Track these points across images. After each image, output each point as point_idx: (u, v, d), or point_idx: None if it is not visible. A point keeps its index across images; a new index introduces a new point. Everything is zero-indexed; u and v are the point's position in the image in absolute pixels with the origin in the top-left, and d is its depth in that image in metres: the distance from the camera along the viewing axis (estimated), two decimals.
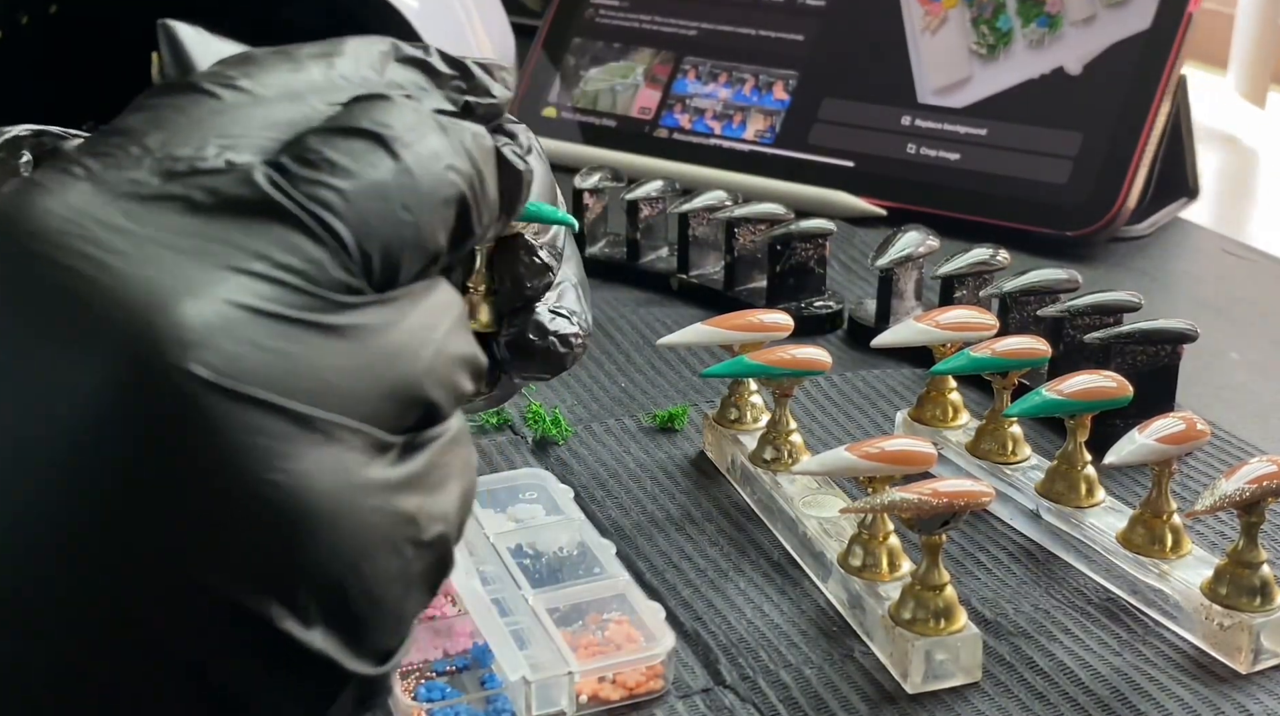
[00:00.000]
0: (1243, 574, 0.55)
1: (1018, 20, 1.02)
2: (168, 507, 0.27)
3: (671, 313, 0.86)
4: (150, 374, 0.27)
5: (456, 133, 0.33)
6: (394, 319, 0.30)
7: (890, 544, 0.57)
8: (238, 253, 0.28)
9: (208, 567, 0.27)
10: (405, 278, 0.31)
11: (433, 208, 0.31)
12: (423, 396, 0.31)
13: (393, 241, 0.30)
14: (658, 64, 1.13)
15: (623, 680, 0.53)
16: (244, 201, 0.29)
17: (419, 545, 0.30)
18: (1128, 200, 0.95)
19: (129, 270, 0.27)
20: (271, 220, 0.29)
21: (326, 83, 0.32)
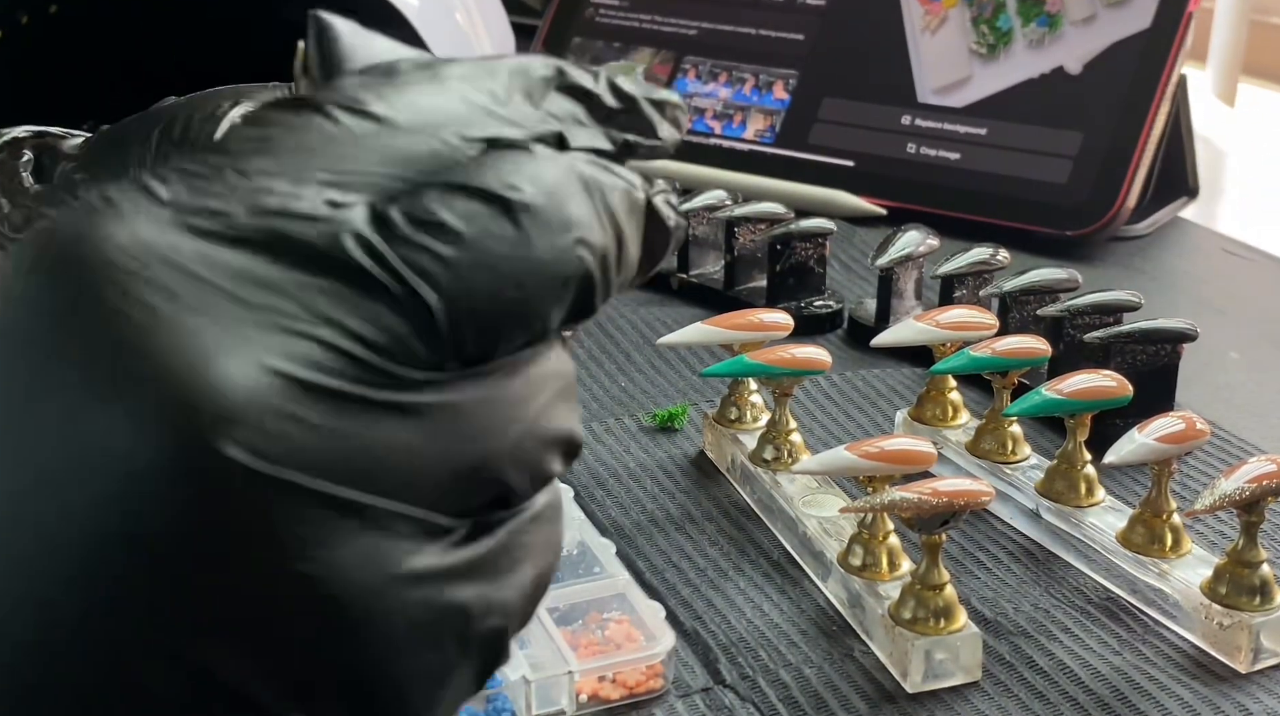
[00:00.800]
0: (1242, 573, 0.55)
1: (1018, 20, 1.02)
2: (185, 590, 0.25)
3: (671, 312, 0.86)
4: (184, 449, 0.24)
5: (602, 192, 0.29)
6: (480, 396, 0.27)
7: (890, 543, 0.57)
8: (304, 313, 0.25)
9: (222, 659, 0.25)
10: (504, 352, 0.27)
11: (549, 285, 0.27)
12: (499, 478, 0.28)
13: (493, 317, 0.27)
14: (658, 64, 1.13)
15: (623, 679, 0.53)
16: (328, 256, 0.26)
17: (467, 640, 0.28)
18: (1128, 200, 0.95)
19: (185, 323, 0.25)
20: (353, 281, 0.26)
21: (470, 112, 0.28)
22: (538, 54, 0.30)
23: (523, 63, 0.30)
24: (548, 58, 0.30)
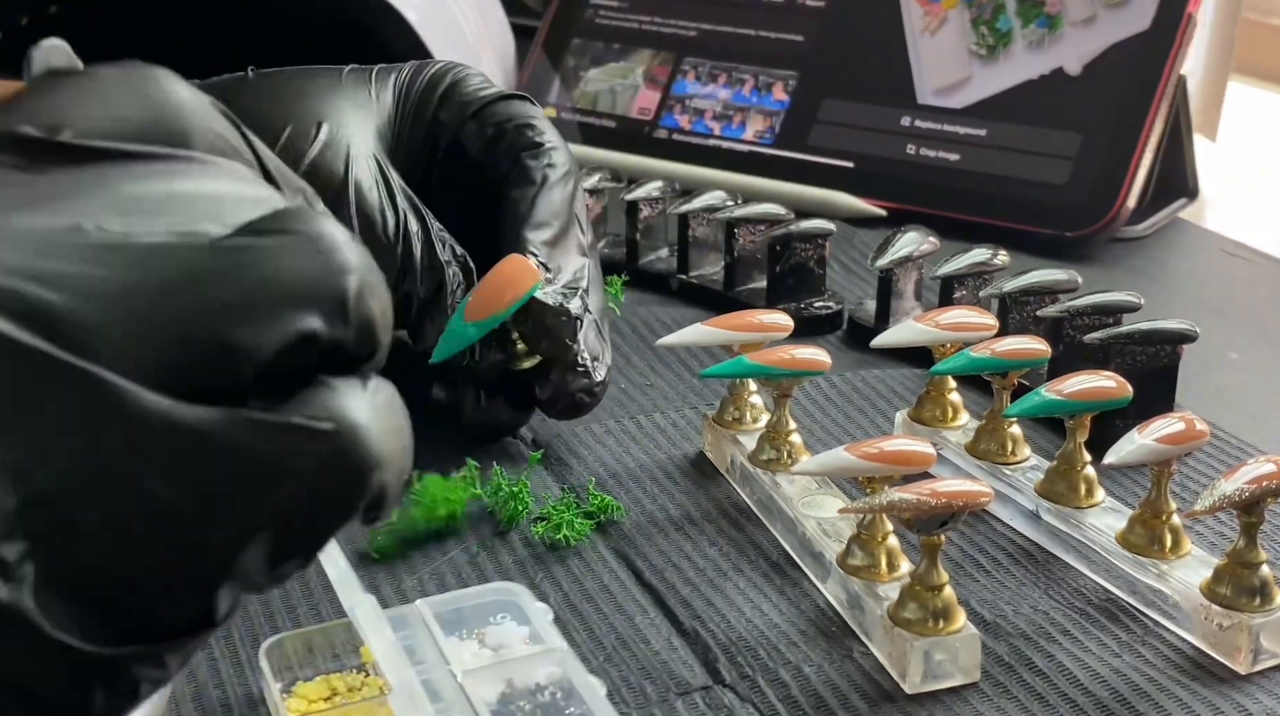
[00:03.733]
0: (1242, 574, 0.55)
1: (1017, 21, 1.02)
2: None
3: (671, 313, 0.86)
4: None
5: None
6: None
7: (889, 544, 0.57)
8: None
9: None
10: None
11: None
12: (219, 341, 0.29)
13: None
14: (657, 64, 1.13)
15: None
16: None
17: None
18: (1127, 200, 0.95)
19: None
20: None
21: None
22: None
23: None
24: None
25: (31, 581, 0.27)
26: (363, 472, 0.30)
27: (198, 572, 0.29)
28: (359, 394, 0.30)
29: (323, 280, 0.30)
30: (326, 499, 0.30)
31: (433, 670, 0.49)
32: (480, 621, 0.53)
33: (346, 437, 0.30)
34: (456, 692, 0.49)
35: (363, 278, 0.31)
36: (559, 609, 0.57)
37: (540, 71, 1.16)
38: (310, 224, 0.30)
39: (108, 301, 0.28)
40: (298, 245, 0.30)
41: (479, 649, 0.52)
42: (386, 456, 0.30)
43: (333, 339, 0.30)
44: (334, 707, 0.50)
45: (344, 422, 0.30)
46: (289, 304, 0.30)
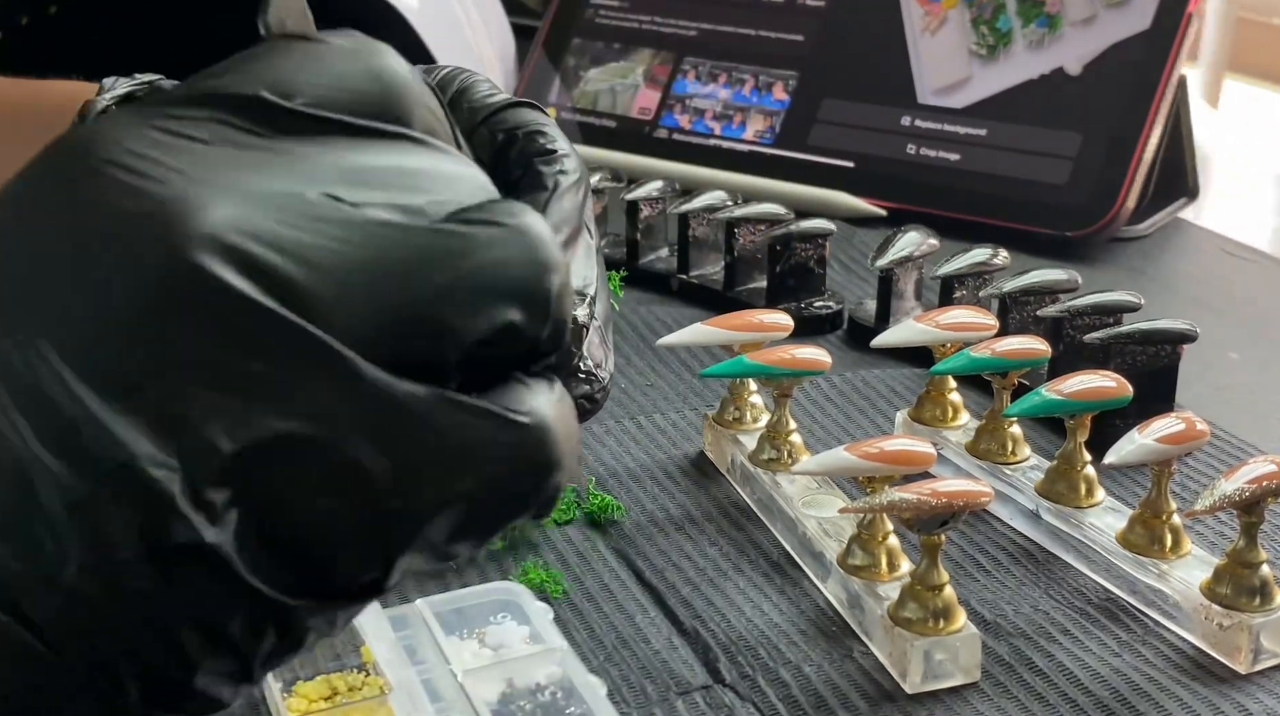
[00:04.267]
0: (1242, 574, 0.55)
1: (1018, 20, 1.02)
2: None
3: (671, 313, 0.86)
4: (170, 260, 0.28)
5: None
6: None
7: (889, 544, 0.57)
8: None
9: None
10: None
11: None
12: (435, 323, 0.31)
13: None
14: (657, 64, 1.13)
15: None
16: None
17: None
18: (1127, 200, 0.95)
19: (150, 190, 0.29)
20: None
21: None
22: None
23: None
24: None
25: (234, 527, 0.29)
26: (547, 469, 0.31)
27: (385, 540, 0.30)
28: (549, 394, 0.32)
29: (532, 276, 0.31)
30: (511, 488, 0.31)
31: (433, 669, 0.50)
32: (481, 621, 0.54)
33: (538, 433, 0.31)
34: (457, 692, 0.49)
35: (564, 279, 0.32)
36: (559, 608, 0.57)
37: (540, 71, 1.16)
38: (522, 217, 0.32)
39: (337, 272, 0.29)
40: (511, 239, 0.31)
41: (479, 648, 0.52)
42: (566, 459, 0.32)
43: (531, 335, 0.32)
44: (334, 707, 0.50)
45: (537, 417, 0.31)
46: (499, 295, 0.31)
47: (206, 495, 0.29)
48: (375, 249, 0.30)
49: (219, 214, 0.29)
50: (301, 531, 0.30)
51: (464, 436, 0.30)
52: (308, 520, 0.30)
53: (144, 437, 0.28)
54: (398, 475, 0.30)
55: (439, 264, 0.31)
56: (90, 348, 0.29)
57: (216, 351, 0.29)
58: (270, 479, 0.29)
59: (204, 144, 0.31)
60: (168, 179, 0.29)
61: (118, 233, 0.29)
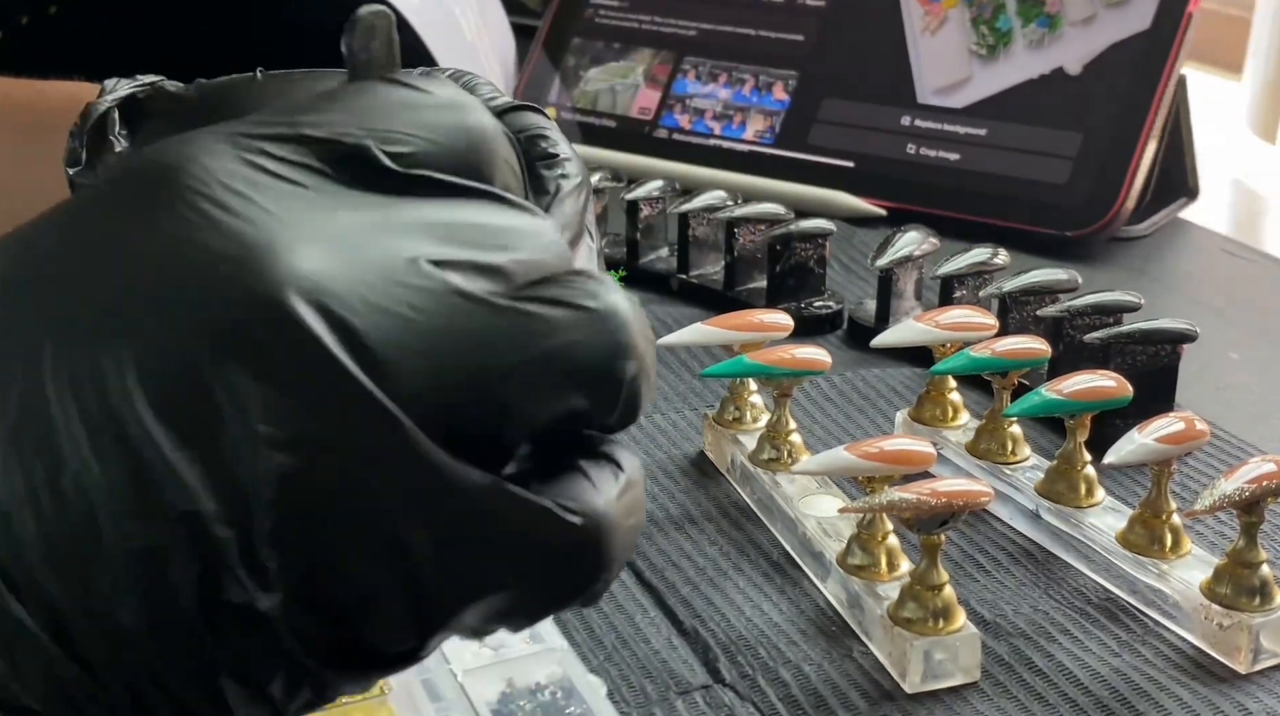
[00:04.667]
0: (1242, 574, 0.55)
1: (1018, 20, 1.02)
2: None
3: (671, 313, 0.86)
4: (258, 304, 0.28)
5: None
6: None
7: (889, 544, 0.57)
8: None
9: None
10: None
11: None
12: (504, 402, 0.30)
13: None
14: (657, 64, 1.13)
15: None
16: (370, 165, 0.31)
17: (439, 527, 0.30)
18: (1127, 200, 0.95)
19: (234, 228, 0.28)
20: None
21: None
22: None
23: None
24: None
25: (282, 595, 0.29)
26: (597, 569, 0.31)
27: (422, 617, 0.30)
28: (612, 489, 0.31)
29: (606, 365, 0.31)
30: (558, 584, 0.31)
31: (433, 669, 0.49)
32: None
33: (593, 534, 0.30)
34: (457, 692, 0.49)
35: (642, 363, 0.32)
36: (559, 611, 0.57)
37: (540, 71, 1.16)
38: (603, 299, 0.31)
39: (411, 340, 0.29)
40: (589, 323, 0.31)
41: (479, 648, 0.52)
42: (619, 557, 0.31)
43: (600, 422, 0.31)
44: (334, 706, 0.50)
45: (592, 519, 0.30)
46: (571, 381, 0.30)
47: (260, 557, 0.28)
48: (452, 319, 0.29)
49: (305, 263, 0.28)
50: (342, 600, 0.29)
51: (515, 530, 0.30)
52: (349, 589, 0.29)
53: (208, 489, 0.28)
54: (443, 558, 0.29)
55: (513, 343, 0.30)
56: (168, 386, 0.28)
57: (288, 403, 0.28)
58: (319, 543, 0.29)
59: (300, 188, 0.30)
60: (260, 221, 0.29)
61: (203, 270, 0.28)
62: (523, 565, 0.30)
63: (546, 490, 0.30)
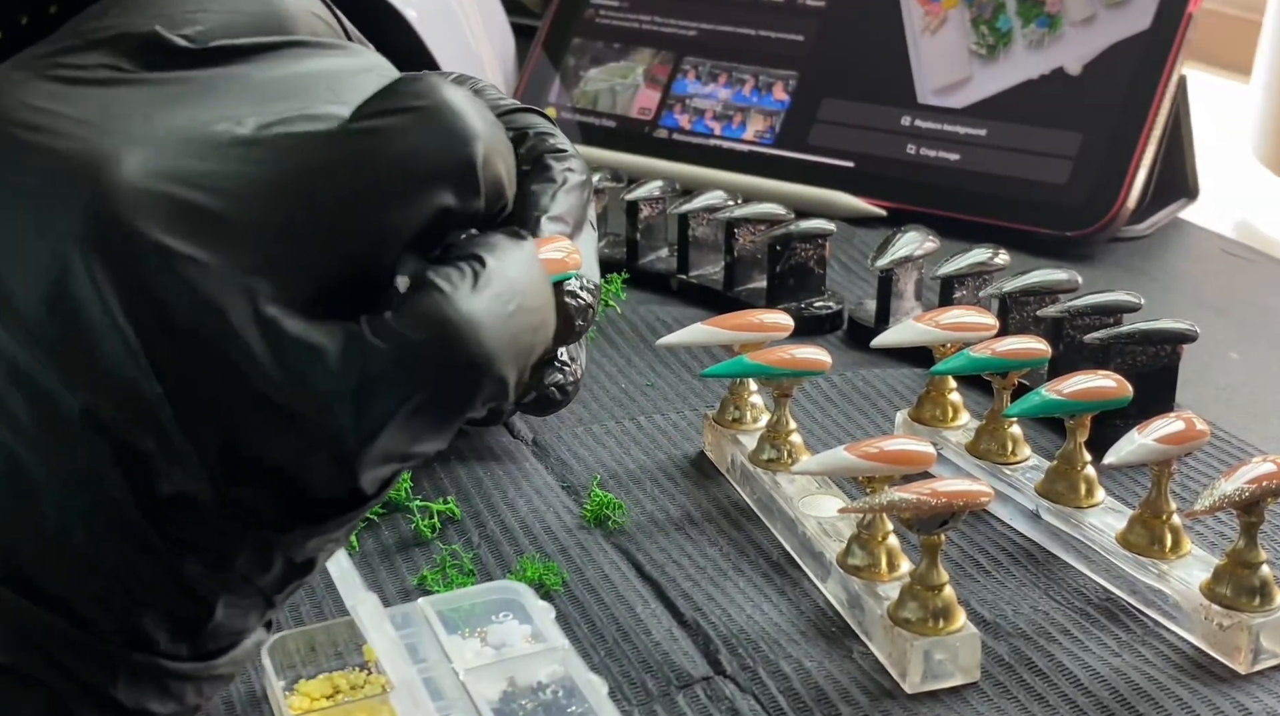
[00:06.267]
0: (1242, 574, 0.55)
1: (1018, 20, 1.02)
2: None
3: (671, 313, 0.86)
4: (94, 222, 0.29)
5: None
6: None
7: (889, 544, 0.57)
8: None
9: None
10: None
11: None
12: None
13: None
14: (657, 64, 1.13)
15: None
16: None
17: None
18: (1128, 200, 0.95)
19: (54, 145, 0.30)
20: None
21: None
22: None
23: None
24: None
25: (208, 475, 0.30)
26: (474, 371, 0.32)
27: (339, 461, 0.31)
28: (466, 293, 0.32)
29: (451, 153, 0.31)
30: (441, 395, 0.32)
31: (435, 668, 0.50)
32: (482, 619, 0.54)
33: (447, 342, 0.31)
34: (458, 690, 0.49)
35: (487, 142, 0.32)
36: (559, 601, 0.57)
37: (540, 71, 1.16)
38: (431, 95, 0.32)
39: (256, 198, 0.30)
40: (423, 120, 0.31)
41: (481, 647, 0.52)
42: (495, 352, 0.32)
43: (469, 212, 0.32)
44: (336, 705, 0.50)
45: (449, 327, 0.31)
46: (422, 182, 0.31)
47: (177, 445, 0.30)
48: (287, 167, 0.30)
49: (133, 162, 0.29)
50: (264, 464, 0.31)
51: (378, 366, 0.31)
52: (263, 453, 0.31)
53: (110, 401, 0.29)
54: (321, 412, 0.30)
55: (354, 165, 0.31)
56: (29, 316, 0.29)
57: (147, 310, 0.29)
58: (218, 422, 0.30)
59: (104, 87, 0.31)
60: (73, 132, 0.30)
61: (37, 196, 0.29)
62: (396, 392, 0.31)
63: (400, 320, 0.31)
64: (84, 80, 0.31)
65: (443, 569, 0.59)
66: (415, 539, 0.62)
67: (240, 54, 0.32)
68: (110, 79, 0.31)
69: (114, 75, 0.31)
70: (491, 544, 0.62)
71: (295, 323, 0.30)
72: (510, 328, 0.32)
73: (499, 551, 0.61)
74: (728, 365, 0.65)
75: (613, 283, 0.83)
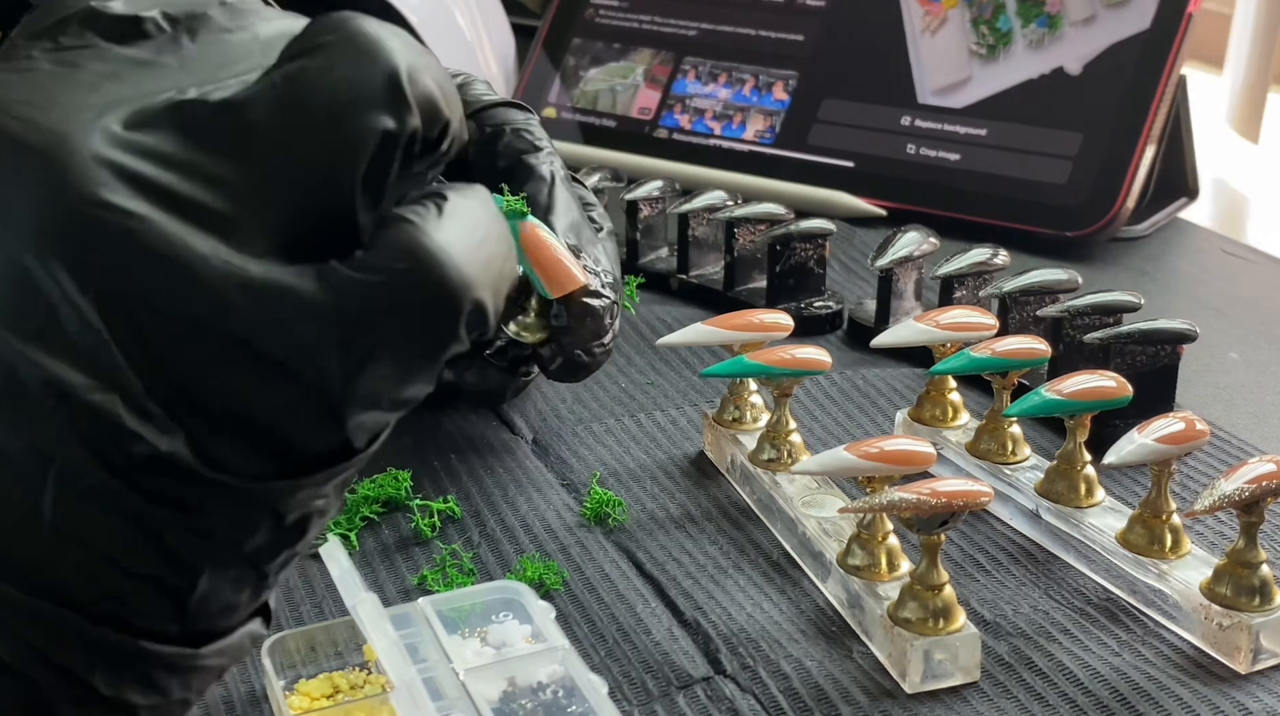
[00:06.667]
0: (1242, 574, 0.55)
1: (1018, 20, 1.02)
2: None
3: (671, 313, 0.86)
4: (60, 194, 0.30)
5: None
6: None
7: (889, 544, 0.57)
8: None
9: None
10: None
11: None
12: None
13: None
14: (657, 64, 1.13)
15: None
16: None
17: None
18: (1127, 200, 0.95)
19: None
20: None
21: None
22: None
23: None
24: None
25: (184, 432, 0.30)
26: (450, 299, 0.32)
27: (322, 408, 0.31)
28: (433, 221, 0.32)
29: (371, 76, 0.32)
30: (424, 328, 0.32)
31: (435, 668, 0.50)
32: (482, 619, 0.54)
33: (427, 268, 0.31)
34: (458, 690, 0.49)
35: (408, 61, 0.32)
36: (559, 599, 0.57)
37: (540, 71, 1.16)
38: (343, 28, 0.32)
39: (202, 163, 0.30)
40: (339, 51, 0.32)
41: (481, 647, 0.52)
42: (472, 276, 0.32)
43: (406, 131, 0.32)
44: (336, 705, 0.50)
45: (424, 252, 0.31)
46: (353, 110, 0.31)
47: (148, 407, 0.30)
48: (232, 125, 0.31)
49: (82, 135, 0.30)
50: (244, 417, 0.31)
51: (356, 304, 0.31)
52: (244, 406, 0.31)
53: (72, 368, 0.29)
54: (302, 356, 0.31)
55: (285, 110, 0.31)
56: (5, 293, 0.30)
57: (122, 275, 0.29)
58: (192, 379, 0.30)
59: (52, 66, 0.32)
60: (20, 112, 0.30)
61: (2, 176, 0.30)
62: (379, 324, 0.31)
63: (371, 255, 0.31)
64: (31, 68, 0.32)
65: (443, 568, 0.59)
66: (415, 538, 0.62)
67: (175, 24, 0.33)
68: (57, 59, 0.32)
69: (59, 56, 0.32)
70: (491, 542, 0.62)
71: (261, 267, 0.30)
72: (481, 254, 0.33)
73: (499, 550, 0.61)
74: (728, 365, 0.65)
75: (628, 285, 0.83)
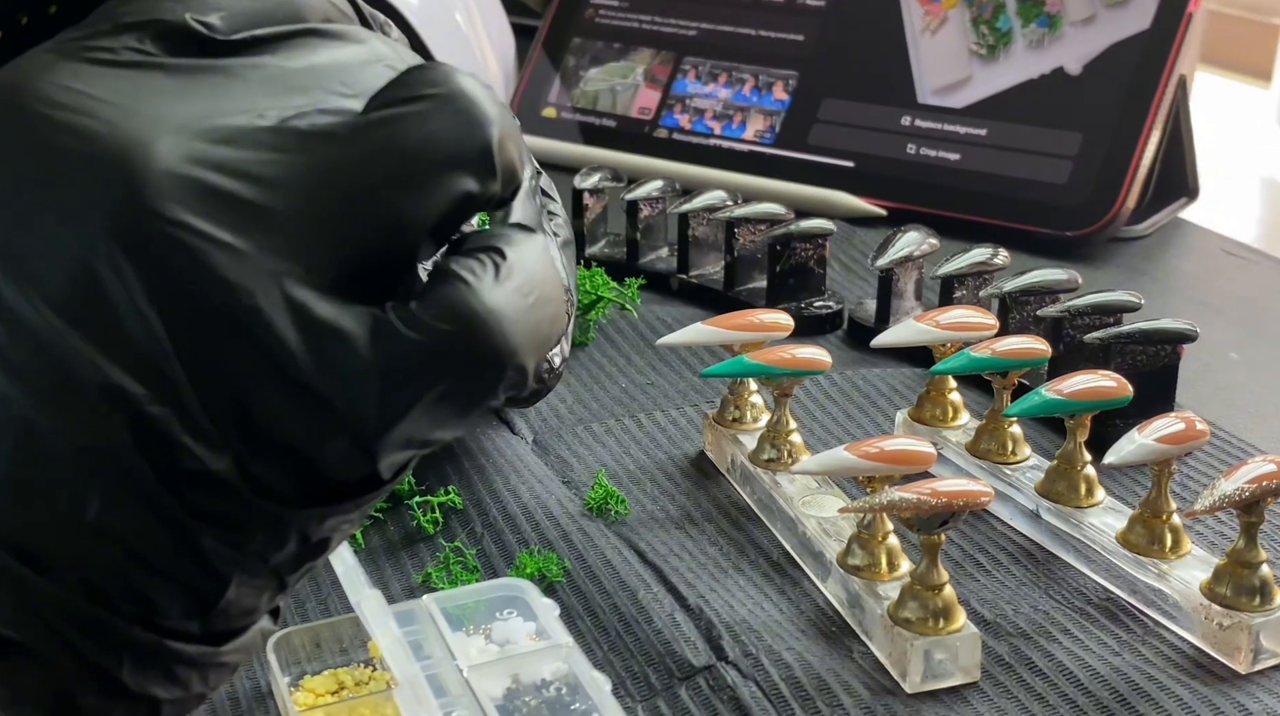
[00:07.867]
0: (1242, 574, 0.55)
1: (1018, 20, 1.02)
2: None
3: (671, 313, 0.86)
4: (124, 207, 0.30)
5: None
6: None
7: (889, 543, 0.57)
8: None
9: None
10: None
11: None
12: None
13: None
14: (658, 64, 1.13)
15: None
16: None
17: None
18: (1127, 200, 0.95)
19: (92, 127, 0.30)
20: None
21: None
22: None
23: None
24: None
25: (231, 453, 0.31)
26: (495, 362, 0.33)
27: (357, 445, 0.32)
28: (488, 279, 0.33)
29: (468, 138, 0.32)
30: (464, 384, 0.32)
31: (439, 665, 0.50)
32: (487, 617, 0.54)
33: (474, 334, 0.32)
34: (462, 687, 0.49)
35: (501, 127, 0.33)
36: (561, 592, 0.57)
37: (540, 71, 1.16)
38: (445, 83, 0.33)
39: (280, 189, 0.31)
40: (439, 108, 0.32)
41: (485, 644, 0.53)
42: (518, 344, 0.33)
43: (486, 195, 0.33)
44: (341, 701, 0.50)
45: (476, 319, 0.32)
46: (440, 168, 0.32)
47: (202, 424, 0.30)
48: (314, 157, 0.31)
49: (161, 145, 0.30)
50: (286, 444, 0.31)
51: (401, 353, 0.31)
52: (286, 433, 0.31)
53: (132, 378, 0.30)
54: (347, 396, 0.31)
55: (374, 156, 0.31)
56: (53, 294, 0.30)
57: (191, 294, 0.30)
58: (244, 403, 0.31)
59: (132, 70, 0.32)
60: (101, 113, 0.30)
61: (68, 174, 0.30)
62: (422, 380, 0.32)
63: (423, 310, 0.32)
64: (112, 63, 0.32)
65: (447, 565, 0.59)
66: (420, 535, 0.62)
67: (260, 44, 0.33)
68: (138, 62, 0.32)
69: (142, 59, 0.32)
70: (494, 533, 0.62)
71: (325, 307, 0.31)
72: (531, 319, 0.33)
73: (502, 541, 0.61)
74: (728, 365, 0.65)
75: (629, 287, 0.83)
